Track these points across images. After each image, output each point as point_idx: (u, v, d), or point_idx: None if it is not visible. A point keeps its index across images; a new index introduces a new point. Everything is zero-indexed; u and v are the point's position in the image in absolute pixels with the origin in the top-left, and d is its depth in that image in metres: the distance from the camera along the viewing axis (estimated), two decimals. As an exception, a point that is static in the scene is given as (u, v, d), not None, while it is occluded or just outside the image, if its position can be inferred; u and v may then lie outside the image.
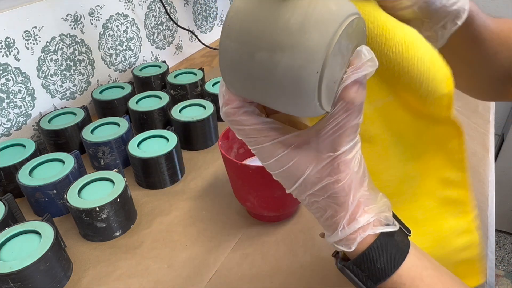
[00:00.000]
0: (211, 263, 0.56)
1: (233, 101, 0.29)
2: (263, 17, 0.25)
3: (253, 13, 0.26)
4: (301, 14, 0.24)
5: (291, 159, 0.29)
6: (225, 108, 0.30)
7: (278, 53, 0.25)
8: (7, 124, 0.78)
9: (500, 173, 1.63)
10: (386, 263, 0.28)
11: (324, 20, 0.24)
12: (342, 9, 0.25)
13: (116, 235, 0.61)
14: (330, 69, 0.25)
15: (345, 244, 0.29)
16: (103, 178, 0.63)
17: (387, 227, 0.29)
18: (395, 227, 0.29)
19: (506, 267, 1.74)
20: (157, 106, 0.81)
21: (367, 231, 0.28)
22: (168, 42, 1.17)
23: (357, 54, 0.27)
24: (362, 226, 0.29)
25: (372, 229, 0.28)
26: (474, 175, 0.69)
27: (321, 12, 0.24)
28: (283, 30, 0.24)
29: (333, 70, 0.26)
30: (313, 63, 0.24)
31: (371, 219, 0.29)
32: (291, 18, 0.24)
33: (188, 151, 0.80)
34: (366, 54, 0.26)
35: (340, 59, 0.26)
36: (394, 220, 0.30)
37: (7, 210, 0.57)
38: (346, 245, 0.29)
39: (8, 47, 0.74)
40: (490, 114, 0.87)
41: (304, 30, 0.24)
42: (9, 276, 0.48)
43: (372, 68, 0.26)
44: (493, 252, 0.55)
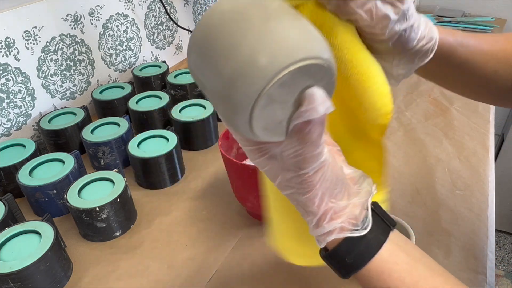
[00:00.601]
0: (211, 263, 0.56)
1: None
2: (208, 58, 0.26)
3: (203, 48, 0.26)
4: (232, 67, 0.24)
5: (265, 165, 0.31)
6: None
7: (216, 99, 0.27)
8: (7, 124, 0.78)
9: (500, 173, 1.63)
10: (355, 259, 0.31)
11: (250, 77, 0.24)
12: (274, 62, 0.24)
13: (116, 235, 0.61)
14: (262, 119, 0.26)
15: (317, 240, 0.33)
16: (103, 178, 0.63)
17: (354, 232, 0.31)
18: (363, 230, 0.31)
19: (506, 267, 1.74)
20: (157, 106, 0.81)
21: (332, 235, 0.31)
22: (168, 42, 1.17)
23: (306, 96, 0.27)
24: (327, 232, 0.31)
25: (338, 235, 0.31)
26: (474, 175, 0.69)
27: (249, 68, 0.24)
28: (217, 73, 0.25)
29: (269, 116, 0.26)
30: (239, 114, 0.25)
31: (337, 226, 0.31)
32: (224, 69, 0.25)
33: (188, 151, 0.80)
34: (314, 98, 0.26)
35: (279, 105, 0.26)
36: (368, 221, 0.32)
37: (7, 210, 0.57)
38: (318, 242, 0.33)
39: (8, 47, 0.74)
40: (490, 114, 0.87)
41: (232, 84, 0.24)
42: (9, 276, 0.48)
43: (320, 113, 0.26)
44: (493, 252, 0.55)
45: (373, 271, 0.31)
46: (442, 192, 0.66)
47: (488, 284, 0.51)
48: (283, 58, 0.24)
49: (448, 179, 0.69)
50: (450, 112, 0.88)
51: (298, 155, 0.29)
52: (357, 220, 0.31)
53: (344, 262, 0.32)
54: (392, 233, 0.32)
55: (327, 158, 0.30)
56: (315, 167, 0.30)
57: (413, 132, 0.82)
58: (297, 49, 0.24)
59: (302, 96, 0.26)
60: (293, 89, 0.25)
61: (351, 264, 0.31)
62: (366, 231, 0.31)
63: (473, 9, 1.47)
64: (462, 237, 0.57)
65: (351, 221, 0.31)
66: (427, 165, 0.72)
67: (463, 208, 0.63)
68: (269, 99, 0.25)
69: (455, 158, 0.74)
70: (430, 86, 0.99)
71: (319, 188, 0.30)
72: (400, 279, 0.30)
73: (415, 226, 0.58)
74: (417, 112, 0.89)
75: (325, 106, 0.26)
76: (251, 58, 0.24)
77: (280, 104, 0.26)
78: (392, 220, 0.33)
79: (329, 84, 0.27)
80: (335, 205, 0.31)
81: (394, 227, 0.33)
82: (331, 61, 0.26)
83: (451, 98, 0.94)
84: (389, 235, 0.32)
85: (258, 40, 0.24)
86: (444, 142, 0.78)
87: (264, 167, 0.32)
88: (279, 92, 0.25)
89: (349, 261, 0.31)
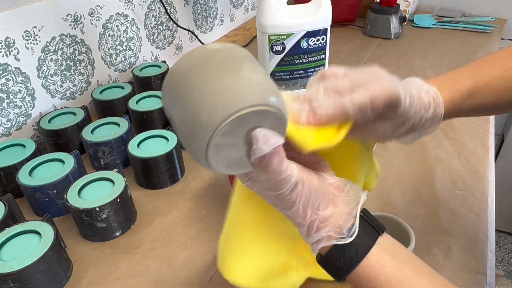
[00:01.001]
0: (211, 263, 0.56)
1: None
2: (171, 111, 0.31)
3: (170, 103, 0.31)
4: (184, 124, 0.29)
5: (253, 187, 0.35)
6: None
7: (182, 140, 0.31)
8: (7, 124, 0.78)
9: (500, 173, 1.63)
10: (345, 263, 0.34)
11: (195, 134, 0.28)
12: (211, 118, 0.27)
13: (116, 235, 0.61)
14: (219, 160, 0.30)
15: (311, 248, 0.36)
16: (103, 178, 0.63)
17: (340, 240, 0.34)
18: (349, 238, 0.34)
19: (506, 267, 1.74)
20: (157, 106, 0.81)
21: (321, 244, 0.34)
22: (168, 42, 1.17)
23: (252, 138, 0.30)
24: (316, 240, 0.34)
25: (326, 243, 0.34)
26: (474, 175, 0.69)
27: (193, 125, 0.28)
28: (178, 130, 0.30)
29: (226, 157, 0.30)
30: (200, 161, 0.30)
31: (324, 235, 0.34)
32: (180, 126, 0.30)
33: (188, 151, 0.80)
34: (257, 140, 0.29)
35: (230, 147, 0.30)
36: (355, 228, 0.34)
37: (7, 210, 0.57)
38: (312, 249, 0.36)
39: (8, 47, 0.74)
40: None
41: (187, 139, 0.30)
42: (9, 276, 0.48)
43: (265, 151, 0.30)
44: (493, 252, 0.55)
45: (361, 274, 0.33)
46: (442, 192, 0.66)
47: (488, 284, 0.51)
48: (219, 113, 0.27)
49: (448, 179, 0.69)
50: (450, 112, 0.88)
51: (269, 180, 0.32)
52: (342, 229, 0.34)
53: (335, 267, 0.34)
54: (381, 238, 0.34)
55: (299, 177, 0.33)
56: (289, 187, 0.32)
57: (413, 132, 0.82)
58: (231, 103, 0.27)
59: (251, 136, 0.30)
60: (237, 134, 0.29)
61: (342, 268, 0.34)
62: (351, 239, 0.33)
63: (473, 9, 1.47)
64: (462, 237, 0.57)
65: (337, 230, 0.34)
66: (427, 165, 0.72)
67: (463, 208, 0.63)
68: (217, 147, 0.29)
69: (455, 158, 0.74)
70: (430, 86, 0.99)
71: (299, 203, 0.33)
72: (387, 281, 0.33)
73: (415, 226, 0.58)
74: (417, 112, 0.89)
75: (269, 143, 0.30)
76: (195, 117, 0.28)
77: (232, 147, 0.30)
78: (381, 226, 0.35)
79: (276, 121, 0.30)
80: (320, 216, 0.34)
81: (383, 232, 0.35)
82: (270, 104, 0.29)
83: (451, 98, 0.94)
84: (378, 240, 0.34)
85: (199, 100, 0.28)
86: (444, 142, 0.78)
87: (253, 189, 0.35)
88: (224, 139, 0.29)
89: (339, 266, 0.34)
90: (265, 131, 0.30)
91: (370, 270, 0.33)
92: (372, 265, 0.33)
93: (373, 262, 0.33)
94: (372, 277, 0.33)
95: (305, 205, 0.33)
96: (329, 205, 0.34)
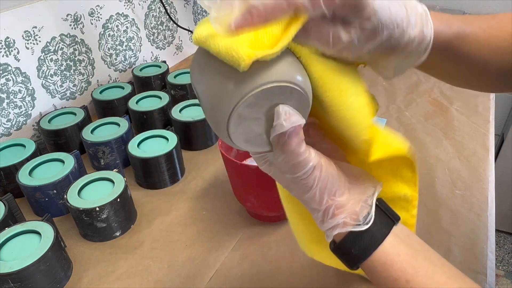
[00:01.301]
0: (211, 263, 0.56)
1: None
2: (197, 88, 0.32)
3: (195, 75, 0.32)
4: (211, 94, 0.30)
5: (269, 171, 0.35)
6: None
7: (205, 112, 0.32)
8: (7, 124, 0.78)
9: (500, 173, 1.63)
10: (360, 251, 0.33)
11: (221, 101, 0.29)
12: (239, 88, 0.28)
13: (116, 235, 0.61)
14: (239, 133, 0.31)
15: (325, 235, 0.35)
16: (103, 178, 0.63)
17: (356, 226, 0.33)
18: (365, 225, 0.33)
19: (506, 267, 1.74)
20: (157, 106, 0.81)
21: (336, 230, 0.34)
22: (168, 42, 1.17)
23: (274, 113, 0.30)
24: (332, 227, 0.34)
25: (341, 229, 0.33)
26: (474, 175, 0.69)
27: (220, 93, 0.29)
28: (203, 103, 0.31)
29: (246, 131, 0.31)
30: (221, 132, 0.30)
31: (340, 221, 0.33)
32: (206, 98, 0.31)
33: (188, 151, 0.80)
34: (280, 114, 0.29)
35: (252, 121, 0.30)
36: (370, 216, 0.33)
37: (7, 210, 0.57)
38: (326, 236, 0.35)
39: (8, 47, 0.74)
40: (490, 114, 0.87)
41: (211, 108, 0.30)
42: (9, 276, 0.48)
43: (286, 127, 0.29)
44: (493, 252, 0.55)
45: (376, 262, 0.33)
46: (442, 192, 0.66)
47: (488, 284, 0.51)
48: (247, 83, 0.28)
49: (448, 179, 0.69)
50: (450, 112, 0.88)
51: (286, 162, 0.32)
52: (358, 216, 0.33)
53: (350, 254, 0.34)
54: (396, 227, 0.34)
55: (317, 162, 0.32)
56: (306, 171, 0.32)
57: (413, 132, 0.82)
58: (260, 75, 0.28)
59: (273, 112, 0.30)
60: (261, 108, 0.30)
61: (356, 256, 0.34)
62: (368, 226, 0.33)
63: (473, 9, 1.47)
64: (462, 237, 0.57)
65: (353, 217, 0.33)
66: (427, 165, 0.72)
67: (463, 208, 0.63)
68: (239, 117, 0.29)
69: (455, 158, 0.74)
70: (430, 86, 0.99)
71: (316, 188, 0.33)
72: (402, 269, 0.32)
73: (415, 226, 0.58)
74: (417, 112, 0.89)
75: (291, 120, 0.29)
76: (222, 85, 0.29)
77: (253, 120, 0.30)
78: (396, 215, 0.35)
79: (300, 102, 0.30)
80: (336, 202, 0.34)
81: (398, 222, 0.35)
82: (296, 83, 0.29)
83: (451, 98, 0.94)
84: (393, 229, 0.34)
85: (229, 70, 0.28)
86: (444, 142, 0.78)
87: (269, 172, 0.35)
88: (247, 111, 0.29)
89: (354, 253, 0.34)
90: (288, 108, 0.30)
91: (385, 257, 0.33)
92: (388, 253, 0.33)
93: (388, 250, 0.33)
94: (388, 264, 0.33)
95: (322, 191, 0.33)
96: (346, 192, 0.34)
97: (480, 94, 0.94)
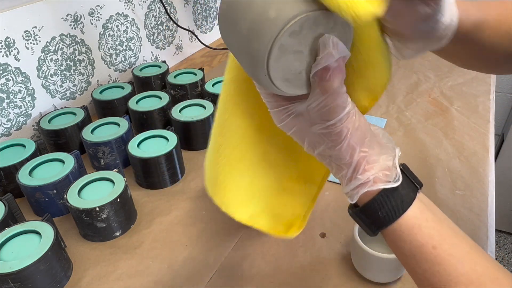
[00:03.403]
0: (211, 263, 0.56)
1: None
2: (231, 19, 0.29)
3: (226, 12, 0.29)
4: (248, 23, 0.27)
5: (293, 125, 0.33)
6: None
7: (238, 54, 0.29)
8: (7, 124, 0.78)
9: (500, 173, 1.63)
10: (388, 213, 0.31)
11: (262, 29, 0.27)
12: (281, 14, 0.26)
13: (116, 235, 0.61)
14: (279, 69, 0.28)
15: (350, 196, 0.33)
16: (103, 178, 0.63)
17: (387, 183, 0.31)
18: (396, 183, 0.32)
19: (506, 267, 1.74)
20: (157, 106, 0.81)
21: (366, 187, 0.32)
22: (168, 42, 1.17)
23: (320, 44, 0.28)
24: (362, 183, 0.32)
25: (371, 186, 0.32)
26: (474, 175, 0.69)
27: (261, 21, 0.27)
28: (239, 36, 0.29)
29: (287, 66, 0.28)
30: (258, 68, 0.28)
31: (371, 177, 0.32)
32: (243, 26, 0.28)
33: (188, 151, 0.80)
34: (325, 44, 0.28)
35: (294, 55, 0.28)
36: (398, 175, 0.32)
37: (7, 210, 0.57)
38: (350, 198, 0.33)
39: (8, 47, 0.74)
40: (490, 114, 0.87)
41: (249, 39, 0.28)
42: (9, 276, 0.48)
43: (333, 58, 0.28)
44: (493, 252, 0.55)
45: (404, 225, 0.31)
46: (442, 192, 0.66)
47: (488, 284, 0.51)
48: (290, 10, 0.26)
49: (448, 179, 0.69)
50: (450, 112, 0.88)
51: (323, 106, 0.30)
52: (391, 171, 0.32)
53: (376, 217, 0.32)
54: (419, 194, 0.33)
55: (352, 108, 0.31)
56: (342, 117, 0.30)
57: (413, 132, 0.82)
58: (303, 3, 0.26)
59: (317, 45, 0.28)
60: (304, 39, 0.27)
61: (383, 218, 0.32)
62: (398, 183, 0.32)
63: None
64: (462, 237, 0.57)
65: (385, 172, 0.32)
66: (427, 165, 0.72)
67: (463, 208, 0.63)
68: (282, 48, 0.27)
69: (455, 158, 0.74)
70: (430, 86, 0.99)
71: (349, 137, 0.31)
72: (430, 235, 0.31)
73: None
74: (417, 112, 0.89)
75: (340, 50, 0.27)
76: (262, 13, 0.26)
77: (295, 54, 0.28)
78: (419, 181, 0.34)
79: (343, 35, 0.29)
80: (368, 155, 0.32)
81: (421, 188, 0.33)
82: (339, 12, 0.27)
83: (451, 98, 0.94)
84: (418, 194, 0.33)
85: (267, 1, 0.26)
86: (444, 142, 0.78)
87: (292, 127, 0.33)
88: (290, 41, 0.27)
89: (382, 215, 0.32)
90: (334, 38, 0.28)
91: (413, 222, 0.31)
92: (417, 217, 0.32)
93: (417, 215, 0.32)
94: (416, 229, 0.31)
95: (356, 141, 0.31)
96: (376, 144, 0.32)
97: (480, 94, 0.95)
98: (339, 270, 0.53)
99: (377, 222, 0.32)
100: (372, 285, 0.51)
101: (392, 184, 0.31)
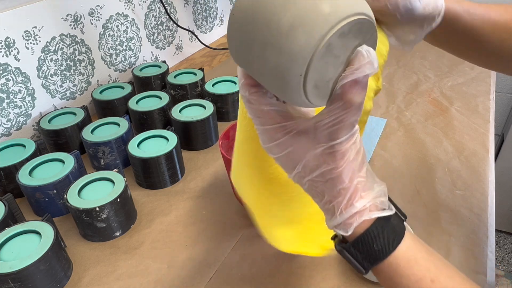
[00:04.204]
0: (211, 263, 0.56)
1: (246, 78, 0.30)
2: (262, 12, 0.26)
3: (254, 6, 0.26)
4: (292, 16, 0.24)
5: (290, 145, 0.30)
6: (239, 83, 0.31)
7: (268, 50, 0.26)
8: (7, 124, 0.78)
9: (500, 173, 1.63)
10: (383, 245, 0.29)
11: (312, 23, 0.24)
12: (337, 11, 0.24)
13: (116, 235, 0.61)
14: (317, 71, 0.26)
15: (343, 228, 0.30)
16: (103, 178, 0.63)
17: (384, 211, 0.30)
18: (391, 211, 0.30)
19: (506, 267, 1.74)
20: (157, 106, 0.81)
21: (363, 216, 0.29)
22: (168, 42, 1.17)
23: (356, 54, 0.27)
24: (358, 211, 0.30)
25: (368, 214, 0.29)
26: (474, 175, 0.69)
27: (312, 15, 0.24)
28: (274, 29, 0.25)
29: (323, 71, 0.26)
30: (296, 66, 0.25)
31: (367, 204, 0.30)
32: (283, 18, 0.25)
33: (188, 151, 0.80)
34: (365, 55, 0.26)
35: (333, 59, 0.26)
36: (390, 204, 0.31)
37: (7, 210, 0.57)
38: (344, 229, 0.30)
39: (8, 47, 0.74)
40: (490, 114, 0.87)
41: (292, 32, 0.25)
42: (9, 276, 0.48)
43: (369, 71, 0.26)
44: (493, 252, 0.55)
45: (401, 258, 0.29)
46: (442, 192, 0.66)
47: (488, 284, 0.51)
48: (345, 8, 0.25)
49: (448, 179, 0.69)
50: (450, 112, 0.88)
51: (338, 122, 0.28)
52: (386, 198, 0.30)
53: (370, 250, 0.29)
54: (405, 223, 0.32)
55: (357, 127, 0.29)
56: (350, 136, 0.28)
57: (413, 132, 0.82)
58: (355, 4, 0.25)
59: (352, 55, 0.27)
60: (346, 43, 0.26)
61: (378, 252, 0.29)
62: (392, 212, 0.30)
63: None
64: (462, 237, 0.57)
65: (381, 199, 0.30)
66: (427, 165, 0.72)
67: (463, 208, 0.63)
68: (329, 48, 0.25)
69: (455, 158, 0.74)
70: (430, 86, 0.99)
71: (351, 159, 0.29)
72: (426, 268, 0.29)
73: (415, 226, 0.58)
74: (417, 112, 0.89)
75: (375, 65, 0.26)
76: (315, 6, 0.24)
77: (334, 59, 0.26)
78: (403, 213, 0.33)
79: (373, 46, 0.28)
80: (364, 180, 0.30)
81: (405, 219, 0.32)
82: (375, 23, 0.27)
83: (451, 98, 0.94)
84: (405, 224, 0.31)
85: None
86: (444, 142, 0.78)
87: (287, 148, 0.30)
88: (337, 43, 0.25)
89: (377, 248, 0.29)
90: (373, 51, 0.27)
91: (410, 254, 0.29)
92: (411, 249, 0.30)
93: (411, 246, 0.30)
94: (413, 261, 0.29)
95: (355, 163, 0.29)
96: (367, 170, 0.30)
97: (480, 94, 0.95)
98: (339, 270, 0.53)
99: (371, 256, 0.30)
100: (372, 285, 0.51)
101: (388, 212, 0.30)
